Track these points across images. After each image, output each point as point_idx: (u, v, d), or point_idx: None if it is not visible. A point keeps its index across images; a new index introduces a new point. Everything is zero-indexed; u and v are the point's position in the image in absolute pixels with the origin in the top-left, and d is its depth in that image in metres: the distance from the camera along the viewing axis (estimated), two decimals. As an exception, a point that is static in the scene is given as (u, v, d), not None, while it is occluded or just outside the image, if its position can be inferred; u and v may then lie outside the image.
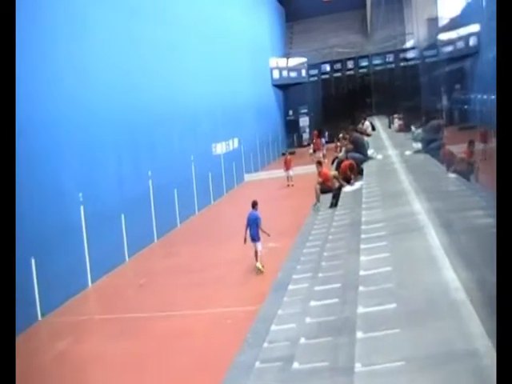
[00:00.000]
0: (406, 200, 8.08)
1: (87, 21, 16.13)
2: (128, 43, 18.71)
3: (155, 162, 19.75)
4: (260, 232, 13.65)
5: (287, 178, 27.92)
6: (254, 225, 13.65)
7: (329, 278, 6.14)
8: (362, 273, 5.24)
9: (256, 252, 13.66)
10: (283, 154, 30.75)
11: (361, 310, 4.57)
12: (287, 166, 28.16)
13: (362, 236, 6.42)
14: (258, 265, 13.40)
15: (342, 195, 12.54)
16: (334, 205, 12.68)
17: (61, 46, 14.72)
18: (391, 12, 36.64)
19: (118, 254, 16.61)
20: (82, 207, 14.79)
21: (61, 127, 14.32)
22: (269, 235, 13.78)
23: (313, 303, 5.63)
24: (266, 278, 12.19)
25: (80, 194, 14.74)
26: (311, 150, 36.79)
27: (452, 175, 9.25)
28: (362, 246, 5.98)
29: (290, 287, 7.10)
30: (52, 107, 14.00)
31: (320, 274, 6.44)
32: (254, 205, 14.05)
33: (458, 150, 11.23)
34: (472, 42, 28.25)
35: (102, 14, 17.08)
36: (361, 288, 4.95)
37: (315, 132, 40.60)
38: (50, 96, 13.95)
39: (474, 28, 26.82)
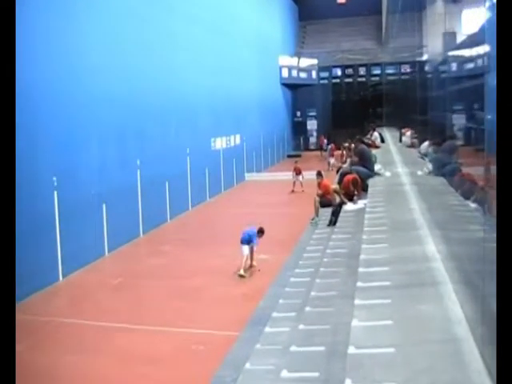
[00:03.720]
0: (418, 236, 6.77)
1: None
2: (125, 27, 17.69)
3: (145, 151, 18.59)
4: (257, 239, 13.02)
5: (294, 182, 26.47)
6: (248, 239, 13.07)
7: (311, 334, 4.93)
8: (351, 350, 3.83)
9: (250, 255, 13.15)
10: (292, 158, 29.13)
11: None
12: (297, 172, 26.75)
13: (359, 284, 5.14)
14: (241, 272, 12.71)
15: (342, 213, 11.32)
16: (332, 223, 11.58)
17: (52, 23, 13.71)
18: (408, 21, 35.52)
19: (95, 247, 15.53)
20: (55, 193, 13.63)
21: (37, 101, 13.07)
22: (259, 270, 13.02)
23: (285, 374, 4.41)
24: (250, 298, 10.99)
25: (54, 179, 13.55)
26: (332, 160, 34.12)
27: (473, 206, 7.92)
28: (357, 302, 4.62)
29: (267, 329, 5.93)
30: (29, 79, 12.77)
31: (301, 326, 5.22)
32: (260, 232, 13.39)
33: (477, 174, 9.95)
34: (492, 58, 26.92)
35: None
36: (349, 365, 3.69)
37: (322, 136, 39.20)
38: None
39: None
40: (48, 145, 13.47)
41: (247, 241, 12.89)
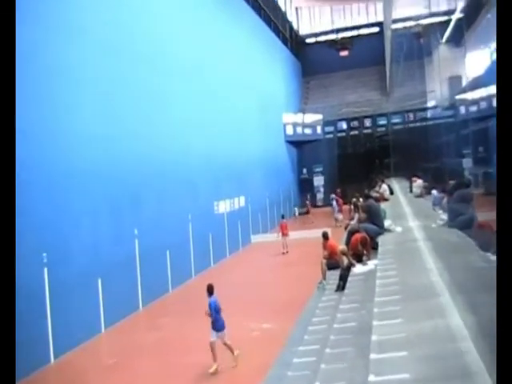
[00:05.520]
0: (438, 306, 5.59)
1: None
2: (120, 87, 17.02)
3: (143, 219, 17.63)
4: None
5: (282, 244, 25.64)
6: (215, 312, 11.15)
7: None
8: None
9: (225, 344, 11.12)
10: (282, 217, 28.38)
11: None
12: (283, 231, 25.95)
13: (371, 378, 4.05)
14: (213, 368, 10.90)
15: (350, 276, 10.24)
16: (340, 288, 10.49)
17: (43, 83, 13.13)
18: (411, 69, 35.33)
19: (91, 324, 14.55)
20: (45, 269, 12.75)
21: (23, 176, 12.15)
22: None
23: None
24: (249, 381, 9.86)
25: (44, 255, 12.68)
26: (340, 216, 33.16)
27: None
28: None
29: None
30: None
31: None
32: (210, 290, 11.62)
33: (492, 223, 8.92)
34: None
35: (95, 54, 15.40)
36: None
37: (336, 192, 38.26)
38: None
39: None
40: (36, 219, 12.61)
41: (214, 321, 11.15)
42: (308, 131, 46.52)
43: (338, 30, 57.75)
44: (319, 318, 8.73)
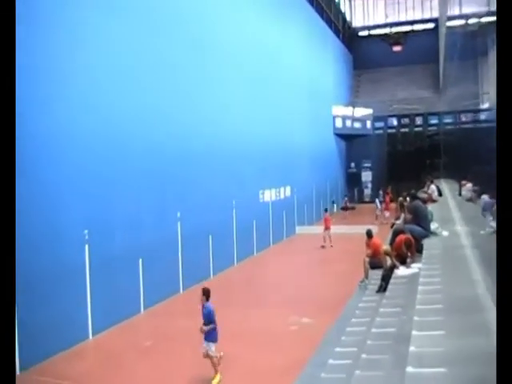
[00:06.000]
0: (484, 323, 5.18)
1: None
2: (173, 72, 17.19)
3: (186, 203, 17.73)
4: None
5: (324, 238, 25.42)
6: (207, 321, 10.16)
7: None
8: None
9: (210, 358, 10.08)
10: (325, 210, 28.04)
11: None
12: (326, 225, 25.71)
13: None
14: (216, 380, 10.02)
15: (393, 279, 10.06)
16: (382, 289, 10.33)
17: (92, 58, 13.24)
18: (466, 69, 34.30)
19: (130, 303, 14.76)
20: (86, 246, 12.93)
21: (66, 151, 12.54)
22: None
23: None
24: (284, 372, 9.76)
25: (85, 232, 12.86)
26: (387, 213, 32.66)
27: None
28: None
29: None
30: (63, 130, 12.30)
31: None
32: (206, 294, 10.40)
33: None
34: None
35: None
36: None
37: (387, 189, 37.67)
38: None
39: None
40: (78, 196, 12.83)
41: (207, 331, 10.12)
42: (357, 125, 45.97)
43: (391, 24, 56.63)
44: (358, 319, 8.62)
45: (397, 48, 53.90)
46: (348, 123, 44.99)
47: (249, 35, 24.30)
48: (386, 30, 56.38)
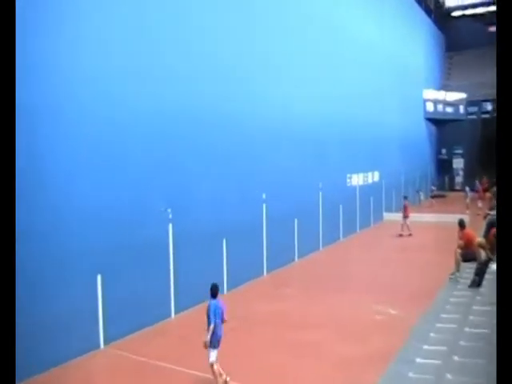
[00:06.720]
0: None
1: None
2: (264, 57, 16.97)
3: (272, 184, 17.21)
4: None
5: (401, 226, 24.34)
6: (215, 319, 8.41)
7: None
8: None
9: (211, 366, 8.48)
10: (405, 198, 26.57)
11: None
12: (405, 213, 24.57)
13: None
14: None
15: (488, 274, 9.10)
16: (476, 284, 9.41)
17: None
18: None
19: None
20: (170, 225, 12.69)
21: (150, 131, 12.31)
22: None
23: None
24: (368, 364, 9.05)
25: (169, 210, 12.60)
26: (480, 203, 30.90)
27: None
28: None
29: None
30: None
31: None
32: (214, 290, 8.64)
33: None
34: None
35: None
36: None
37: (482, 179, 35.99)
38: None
39: None
40: (162, 174, 12.61)
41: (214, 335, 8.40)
42: (449, 110, 44.02)
43: (488, 3, 53.45)
44: (449, 315, 7.88)
45: (493, 28, 50.94)
46: (439, 107, 43.17)
47: (336, 15, 23.44)
48: (482, 10, 53.31)
